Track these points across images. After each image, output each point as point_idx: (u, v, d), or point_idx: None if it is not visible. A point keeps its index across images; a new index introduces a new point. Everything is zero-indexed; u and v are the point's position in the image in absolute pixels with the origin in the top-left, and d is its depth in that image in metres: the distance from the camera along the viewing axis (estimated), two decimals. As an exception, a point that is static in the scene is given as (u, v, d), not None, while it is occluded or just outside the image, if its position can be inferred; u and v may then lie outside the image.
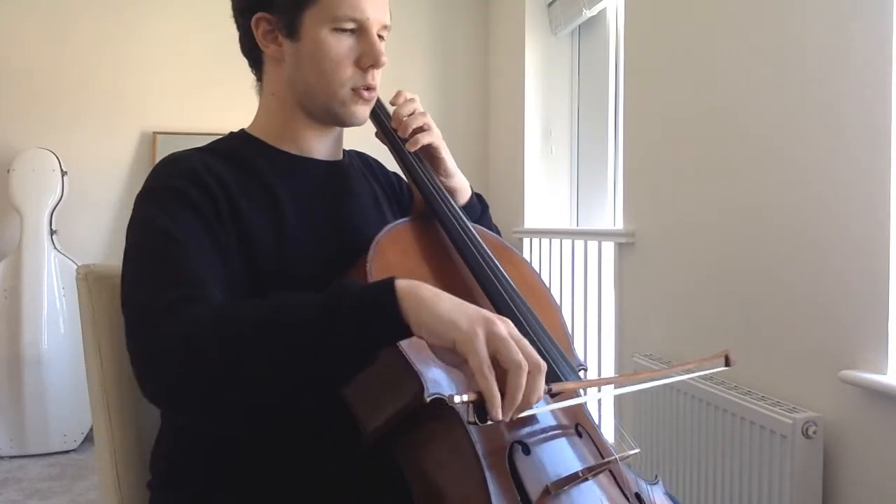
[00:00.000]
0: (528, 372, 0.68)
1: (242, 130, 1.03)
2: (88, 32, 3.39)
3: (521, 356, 0.68)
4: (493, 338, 0.68)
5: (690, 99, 1.96)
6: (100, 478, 1.08)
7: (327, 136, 1.02)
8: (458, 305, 0.71)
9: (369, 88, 0.96)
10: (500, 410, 0.67)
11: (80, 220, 3.34)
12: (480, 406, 0.68)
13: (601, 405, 2.55)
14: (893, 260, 1.32)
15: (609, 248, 2.43)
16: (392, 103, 1.05)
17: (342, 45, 0.92)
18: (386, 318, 0.69)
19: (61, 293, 3.14)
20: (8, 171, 3.17)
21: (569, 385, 0.80)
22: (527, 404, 0.69)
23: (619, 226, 2.43)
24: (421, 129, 1.02)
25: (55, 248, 3.16)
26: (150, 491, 0.98)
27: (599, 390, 0.92)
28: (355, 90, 0.95)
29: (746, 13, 1.72)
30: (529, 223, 3.21)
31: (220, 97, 3.45)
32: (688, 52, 1.97)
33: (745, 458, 1.56)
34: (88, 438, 3.15)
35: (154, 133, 3.45)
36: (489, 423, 0.68)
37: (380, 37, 0.95)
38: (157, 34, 3.46)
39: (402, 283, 0.71)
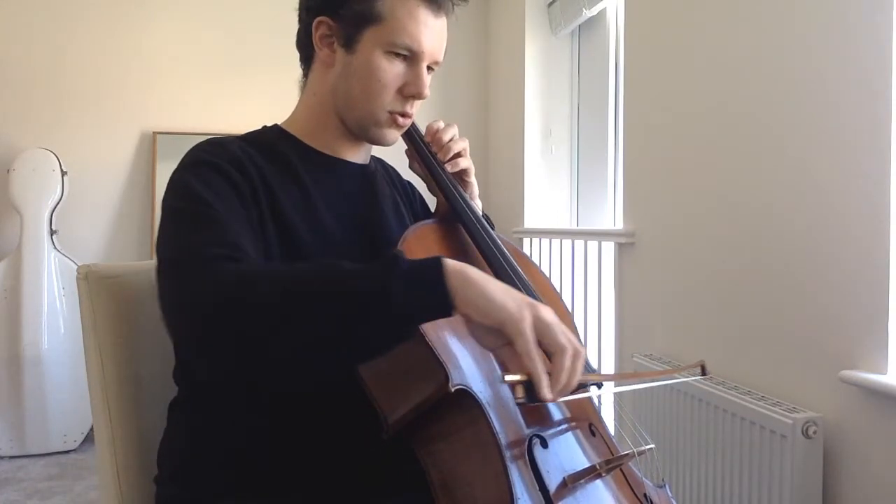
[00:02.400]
0: (573, 353, 0.73)
1: (277, 126, 1.05)
2: (89, 33, 3.39)
3: (565, 339, 0.72)
4: (538, 322, 0.72)
5: (690, 99, 1.96)
6: (100, 478, 1.08)
7: (358, 145, 1.05)
8: (505, 289, 0.73)
9: (405, 115, 0.99)
10: (548, 390, 0.71)
11: (80, 220, 3.35)
12: (529, 386, 0.72)
13: (605, 404, 2.55)
14: (893, 260, 1.32)
15: (609, 248, 2.43)
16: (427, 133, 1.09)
17: (392, 70, 0.95)
18: (433, 292, 0.71)
19: (61, 293, 3.14)
20: (8, 171, 3.17)
21: (595, 377, 0.85)
22: (570, 387, 0.74)
23: (619, 226, 2.43)
24: (459, 155, 1.07)
25: (55, 248, 3.16)
26: (158, 485, 0.98)
27: (603, 385, 0.96)
28: (392, 114, 0.98)
29: (746, 13, 1.72)
30: (529, 223, 3.21)
31: (219, 97, 3.45)
32: (688, 52, 1.97)
33: (745, 458, 1.56)
34: (88, 438, 3.16)
35: (154, 133, 3.45)
36: (536, 402, 0.72)
37: (429, 68, 0.99)
38: (157, 34, 3.46)
39: (449, 261, 0.73)
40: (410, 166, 1.11)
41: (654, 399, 1.95)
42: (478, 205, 1.13)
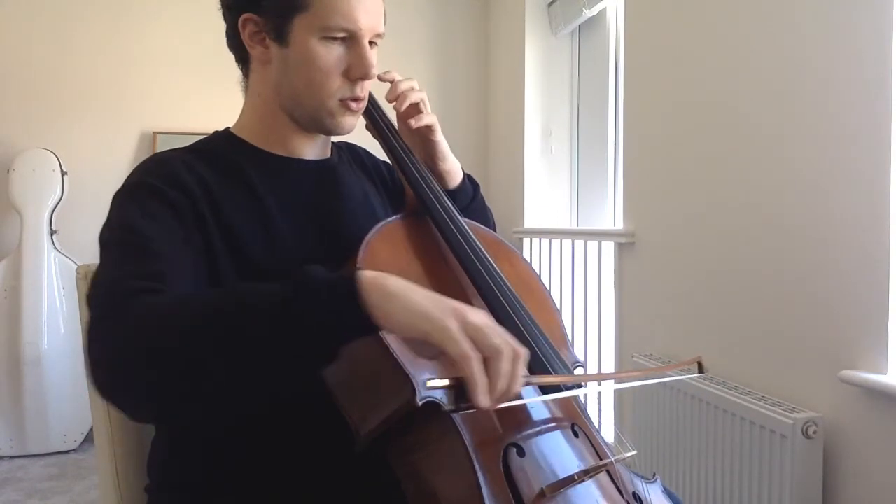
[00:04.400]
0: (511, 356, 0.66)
1: (227, 130, 1.01)
2: (89, 33, 3.39)
3: (500, 340, 0.66)
4: (467, 326, 0.65)
5: (690, 99, 1.96)
6: (100, 478, 1.08)
7: (314, 139, 1.00)
8: (428, 296, 0.67)
9: (357, 100, 0.94)
10: (485, 396, 0.64)
11: (80, 220, 3.34)
12: (461, 391, 0.65)
13: (599, 404, 2.55)
14: (893, 260, 1.32)
15: (609, 248, 2.43)
16: (388, 98, 1.03)
17: (331, 55, 0.90)
18: (348, 311, 0.65)
19: (61, 293, 3.14)
20: (8, 171, 3.17)
21: (548, 379, 0.77)
22: (510, 392, 0.67)
23: (619, 226, 2.43)
24: (418, 109, 1.02)
25: (55, 248, 3.16)
26: (148, 494, 0.98)
27: (584, 385, 0.87)
28: (343, 101, 0.93)
29: (746, 13, 1.72)
30: (529, 223, 3.21)
31: (220, 97, 3.43)
32: (688, 52, 1.97)
33: (745, 458, 1.56)
34: (88, 438, 3.15)
35: (154, 133, 3.45)
36: (472, 410, 0.65)
37: (372, 43, 0.93)
38: (157, 34, 3.46)
39: (367, 275, 0.67)
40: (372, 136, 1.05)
41: (654, 399, 1.95)
42: (454, 166, 1.08)
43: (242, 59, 0.98)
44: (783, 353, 1.59)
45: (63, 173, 3.21)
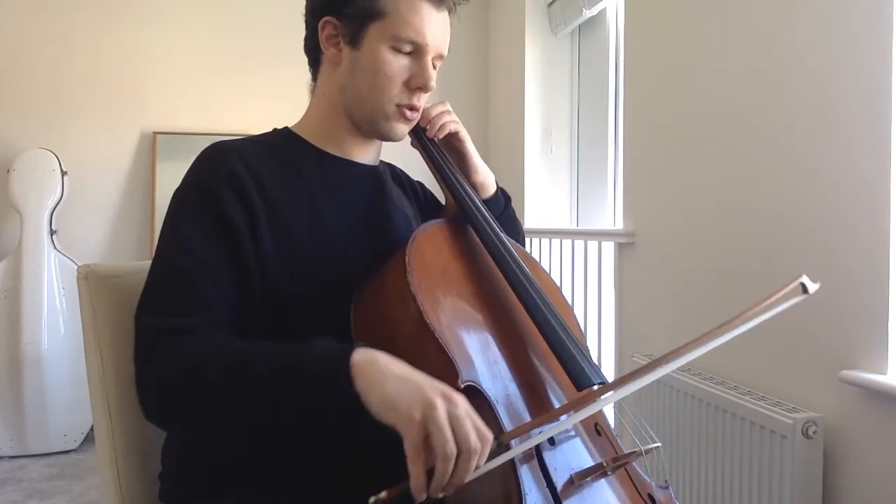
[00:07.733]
0: (461, 455, 0.70)
1: (287, 128, 1.06)
2: (89, 33, 3.39)
3: (451, 446, 0.69)
4: (428, 422, 0.70)
5: (690, 99, 1.96)
6: (100, 478, 1.08)
7: (368, 143, 1.06)
8: (402, 384, 0.73)
9: (413, 108, 1.00)
10: (420, 493, 0.70)
11: (80, 220, 3.35)
12: (405, 494, 0.70)
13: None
14: (893, 260, 1.32)
15: (609, 248, 2.43)
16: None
17: (397, 64, 0.97)
18: (341, 398, 0.74)
19: (61, 293, 3.14)
20: (8, 171, 3.17)
21: (521, 429, 0.77)
22: (449, 487, 0.71)
23: (619, 226, 2.43)
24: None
25: (55, 248, 3.16)
26: (161, 482, 0.99)
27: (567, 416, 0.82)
28: (400, 107, 0.99)
29: (746, 13, 1.72)
30: (529, 223, 3.21)
31: (220, 97, 3.45)
32: (688, 52, 1.97)
33: (745, 458, 1.56)
34: (88, 438, 3.15)
35: (154, 133, 3.45)
36: None
37: (433, 65, 1.00)
38: (157, 34, 3.46)
39: (356, 359, 0.75)
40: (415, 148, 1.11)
41: (655, 399, 1.95)
42: (487, 178, 1.14)
43: (315, 61, 1.05)
44: (783, 353, 1.59)
45: (63, 173, 3.21)
